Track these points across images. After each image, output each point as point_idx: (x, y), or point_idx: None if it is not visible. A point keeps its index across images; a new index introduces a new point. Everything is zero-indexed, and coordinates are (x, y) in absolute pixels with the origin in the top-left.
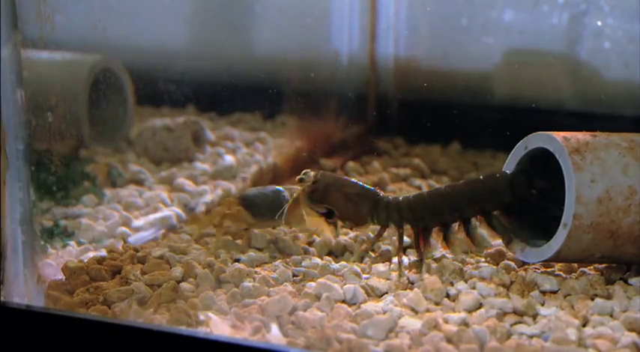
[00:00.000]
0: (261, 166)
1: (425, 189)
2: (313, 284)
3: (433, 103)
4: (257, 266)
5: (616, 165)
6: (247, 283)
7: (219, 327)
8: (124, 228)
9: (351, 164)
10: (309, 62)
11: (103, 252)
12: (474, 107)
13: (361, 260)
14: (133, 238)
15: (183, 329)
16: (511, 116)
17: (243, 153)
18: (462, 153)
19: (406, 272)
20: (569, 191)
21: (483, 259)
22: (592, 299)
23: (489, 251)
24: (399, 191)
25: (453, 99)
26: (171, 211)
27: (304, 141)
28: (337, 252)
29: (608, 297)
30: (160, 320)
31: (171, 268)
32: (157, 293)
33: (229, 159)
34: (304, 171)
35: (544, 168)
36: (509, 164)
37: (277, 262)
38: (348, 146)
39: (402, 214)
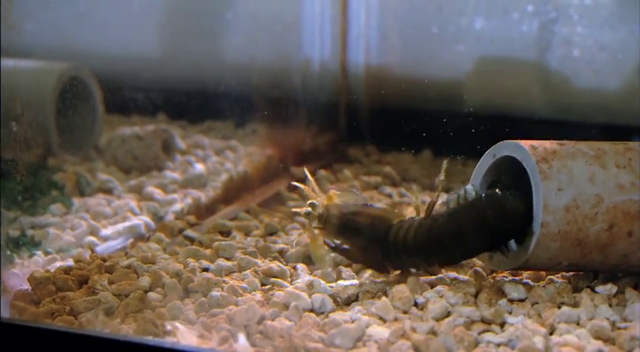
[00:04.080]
0: (232, 175)
1: (396, 198)
2: (282, 293)
3: (404, 111)
4: (226, 275)
5: (583, 173)
6: (215, 292)
7: (186, 337)
8: (91, 238)
9: (322, 172)
10: (280, 70)
11: (70, 262)
12: (445, 115)
13: (332, 267)
14: (101, 248)
15: (150, 340)
16: (482, 124)
17: (213, 162)
18: (433, 160)
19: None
20: (537, 199)
21: None
22: (559, 307)
23: None
24: (370, 200)
25: (424, 107)
26: (140, 220)
27: (275, 149)
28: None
29: (575, 305)
30: (126, 330)
31: (138, 278)
32: (124, 303)
33: (199, 167)
34: (309, 202)
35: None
36: (477, 172)
37: (247, 271)
38: (320, 154)
39: (412, 259)
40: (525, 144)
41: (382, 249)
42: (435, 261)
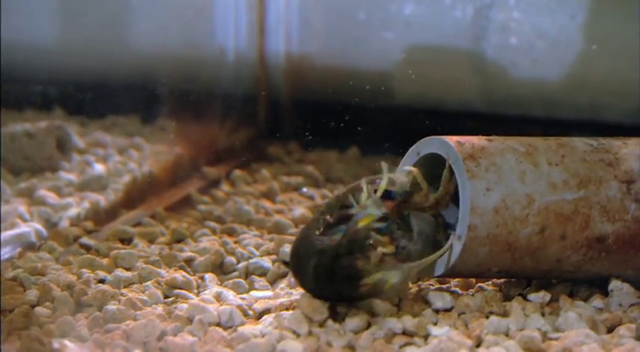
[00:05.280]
0: (136, 176)
1: (318, 200)
2: (185, 305)
3: (329, 105)
4: (124, 287)
5: (512, 171)
6: (111, 306)
7: None
8: None
9: (237, 172)
10: (191, 59)
11: None
12: (374, 109)
13: (245, 276)
14: None
15: None
16: (414, 118)
17: (115, 162)
18: (361, 159)
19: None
20: (464, 200)
21: None
22: (487, 317)
23: None
24: (290, 202)
25: (350, 100)
26: (29, 227)
27: (185, 147)
28: (224, 270)
29: (505, 315)
30: (9, 349)
31: (25, 291)
32: (7, 319)
33: (99, 168)
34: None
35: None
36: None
37: (148, 283)
38: (235, 152)
39: None
40: (451, 140)
41: None
42: None
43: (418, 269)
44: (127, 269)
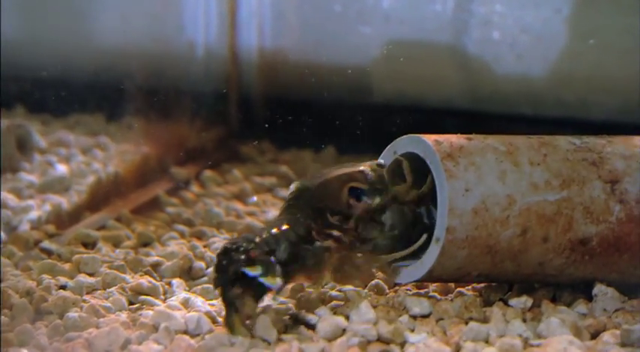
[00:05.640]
0: (100, 177)
1: None
2: (150, 312)
3: (304, 102)
4: (87, 293)
5: (492, 171)
6: (73, 313)
7: None
8: None
9: (207, 173)
10: (158, 54)
11: None
12: (351, 106)
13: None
14: None
15: None
16: (393, 116)
17: (78, 162)
18: (338, 158)
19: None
20: (442, 201)
21: None
22: (466, 324)
23: None
24: (263, 204)
25: (327, 97)
26: None
27: (153, 147)
28: (193, 275)
29: (485, 321)
30: None
31: None
32: None
33: (62, 168)
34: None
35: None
36: None
37: (112, 289)
38: (206, 152)
39: None
40: (429, 138)
41: None
42: None
43: (383, 262)
44: (90, 275)
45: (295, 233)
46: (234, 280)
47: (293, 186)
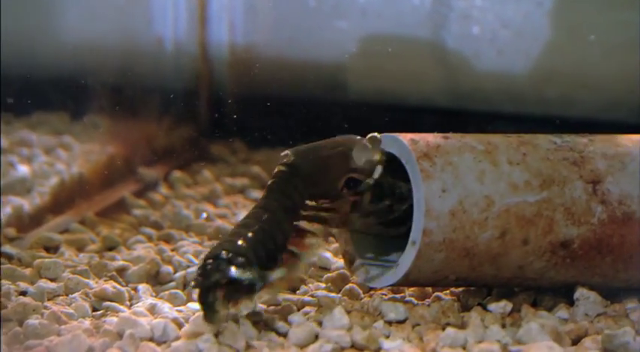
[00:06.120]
0: (64, 178)
1: None
2: (115, 319)
3: (278, 100)
4: (48, 299)
5: (470, 171)
6: (33, 320)
7: None
8: None
9: (176, 173)
10: (125, 50)
11: None
12: (327, 104)
13: (183, 287)
14: None
15: None
16: (371, 114)
17: (41, 162)
18: None
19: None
20: (418, 203)
21: (323, 285)
22: (443, 329)
23: (330, 274)
24: (234, 206)
25: (301, 94)
26: None
27: (119, 147)
28: (160, 280)
29: (462, 326)
30: None
31: None
32: None
33: (23, 169)
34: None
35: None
36: None
37: (75, 294)
38: (175, 152)
39: None
40: (405, 137)
41: None
42: None
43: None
44: (52, 280)
45: (273, 239)
46: (215, 284)
47: (284, 158)
